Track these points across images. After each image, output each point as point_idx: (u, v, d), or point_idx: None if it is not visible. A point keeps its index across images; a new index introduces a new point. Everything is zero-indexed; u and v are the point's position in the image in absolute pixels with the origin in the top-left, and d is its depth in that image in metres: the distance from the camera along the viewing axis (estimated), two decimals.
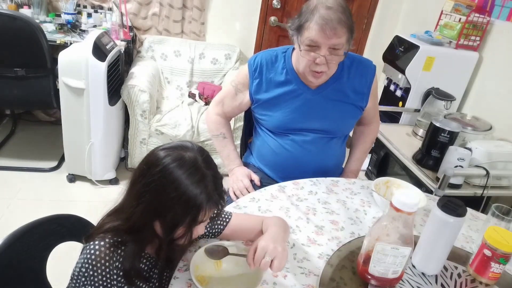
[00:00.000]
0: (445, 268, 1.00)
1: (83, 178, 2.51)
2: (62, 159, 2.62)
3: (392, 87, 2.52)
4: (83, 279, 0.81)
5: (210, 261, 0.93)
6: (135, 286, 0.88)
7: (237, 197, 1.41)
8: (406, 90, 2.39)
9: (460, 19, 2.35)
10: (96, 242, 0.82)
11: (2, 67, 2.22)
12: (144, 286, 0.90)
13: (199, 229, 0.87)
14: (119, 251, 0.83)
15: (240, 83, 1.51)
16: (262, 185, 1.42)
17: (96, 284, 0.81)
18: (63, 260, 1.13)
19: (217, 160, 2.93)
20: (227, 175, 1.55)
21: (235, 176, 1.49)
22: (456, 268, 1.01)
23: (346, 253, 1.01)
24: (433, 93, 2.17)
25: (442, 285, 0.95)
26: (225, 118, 1.58)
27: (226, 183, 1.52)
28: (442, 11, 2.48)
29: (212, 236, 1.02)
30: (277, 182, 1.45)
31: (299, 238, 1.08)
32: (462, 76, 2.34)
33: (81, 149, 2.38)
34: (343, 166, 1.65)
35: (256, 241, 0.88)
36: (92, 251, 0.81)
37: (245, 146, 1.78)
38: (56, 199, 2.37)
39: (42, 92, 2.34)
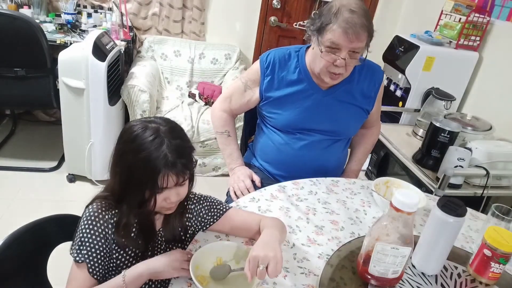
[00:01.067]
0: (445, 268, 1.00)
1: (83, 178, 2.51)
2: (62, 159, 2.62)
3: (392, 87, 2.52)
4: (81, 234, 0.88)
5: (210, 261, 0.93)
6: (126, 250, 0.92)
7: (237, 197, 1.41)
8: (406, 90, 2.39)
9: (460, 19, 2.35)
10: (92, 204, 0.91)
11: (2, 67, 2.22)
12: (134, 250, 0.94)
13: (172, 197, 0.89)
14: (112, 211, 0.90)
15: (250, 80, 1.50)
16: (263, 185, 1.42)
17: (93, 236, 0.88)
18: (63, 260, 1.13)
19: (217, 160, 2.92)
20: (228, 175, 1.55)
21: (236, 176, 1.49)
22: (456, 268, 1.01)
23: (346, 253, 1.01)
24: (433, 93, 2.17)
25: (442, 285, 0.95)
26: (230, 115, 1.57)
27: (225, 183, 1.53)
28: (442, 11, 2.48)
29: (209, 223, 1.03)
30: (278, 180, 1.45)
31: (299, 238, 1.08)
32: (462, 76, 2.34)
33: (81, 149, 2.38)
34: (344, 167, 1.65)
35: (250, 252, 0.88)
36: (89, 210, 0.90)
37: (245, 146, 1.78)
38: (56, 199, 2.37)
39: (42, 92, 2.34)
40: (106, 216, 0.90)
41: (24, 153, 2.76)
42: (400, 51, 2.39)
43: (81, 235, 0.88)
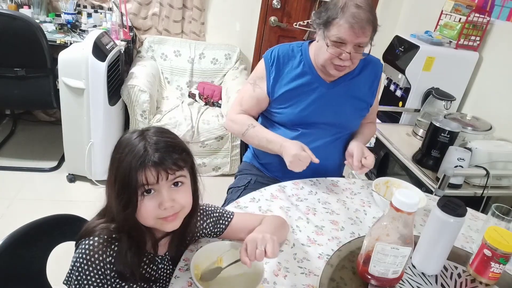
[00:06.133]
0: (445, 268, 1.00)
1: (83, 178, 2.51)
2: (62, 159, 2.62)
3: (392, 87, 2.52)
4: (77, 273, 0.82)
5: (211, 261, 0.93)
6: (131, 282, 0.88)
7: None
8: (406, 90, 2.39)
9: (460, 19, 2.35)
10: (90, 238, 0.83)
11: (2, 67, 2.22)
12: (139, 283, 0.90)
13: (165, 202, 0.82)
14: (112, 246, 0.84)
15: (258, 78, 1.49)
16: (263, 186, 1.40)
17: (92, 280, 0.82)
18: (63, 260, 1.13)
19: (217, 160, 2.91)
20: (228, 175, 1.54)
21: (290, 153, 1.33)
22: (456, 268, 1.01)
23: (346, 253, 1.01)
24: (433, 93, 2.17)
25: (442, 285, 0.95)
26: (247, 114, 1.52)
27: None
28: (442, 11, 2.47)
29: (214, 236, 1.02)
30: (277, 180, 1.45)
31: (299, 238, 1.08)
32: (462, 76, 2.34)
33: (81, 149, 2.38)
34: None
35: (245, 240, 0.87)
36: (86, 246, 0.82)
37: (246, 146, 1.78)
38: (56, 199, 2.37)
39: (42, 92, 2.34)
40: (104, 255, 0.82)
41: (24, 153, 2.76)
42: (400, 51, 2.39)
43: (77, 273, 0.82)
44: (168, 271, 0.96)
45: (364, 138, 1.55)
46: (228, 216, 1.02)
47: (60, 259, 1.09)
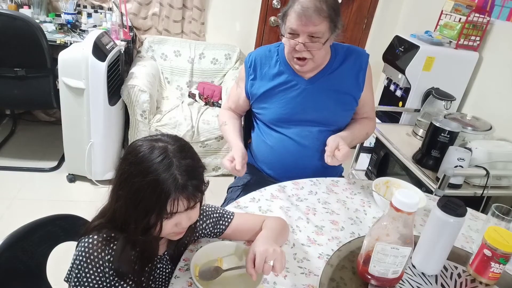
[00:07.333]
0: (445, 268, 1.00)
1: (83, 178, 2.51)
2: (62, 159, 2.62)
3: (392, 87, 2.52)
4: (76, 271, 0.83)
5: (211, 261, 0.93)
6: (129, 281, 0.88)
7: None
8: (406, 90, 2.39)
9: (460, 19, 2.35)
10: (90, 236, 0.84)
11: (2, 67, 2.22)
12: (134, 279, 0.89)
13: (183, 222, 0.84)
14: (111, 245, 0.84)
15: (240, 79, 1.57)
16: (262, 186, 1.40)
17: (91, 277, 0.82)
18: (63, 260, 1.13)
19: (217, 160, 2.91)
20: (228, 175, 1.55)
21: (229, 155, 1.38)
22: (456, 268, 1.01)
23: (346, 253, 1.01)
24: (433, 93, 2.17)
25: (442, 285, 0.95)
26: (232, 111, 1.63)
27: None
28: (442, 11, 2.48)
29: (214, 236, 1.02)
30: (276, 180, 1.45)
31: (299, 238, 1.08)
32: (462, 76, 2.35)
33: (81, 149, 2.38)
34: (342, 165, 1.64)
35: (251, 249, 0.87)
36: (86, 244, 0.83)
37: (245, 146, 1.78)
38: (56, 199, 2.37)
39: (42, 92, 2.35)
40: (103, 253, 0.83)
41: (24, 153, 2.76)
42: (400, 51, 2.39)
43: (76, 271, 0.83)
44: (167, 271, 0.96)
45: (350, 132, 1.47)
46: (228, 216, 1.02)
47: (60, 259, 1.09)
